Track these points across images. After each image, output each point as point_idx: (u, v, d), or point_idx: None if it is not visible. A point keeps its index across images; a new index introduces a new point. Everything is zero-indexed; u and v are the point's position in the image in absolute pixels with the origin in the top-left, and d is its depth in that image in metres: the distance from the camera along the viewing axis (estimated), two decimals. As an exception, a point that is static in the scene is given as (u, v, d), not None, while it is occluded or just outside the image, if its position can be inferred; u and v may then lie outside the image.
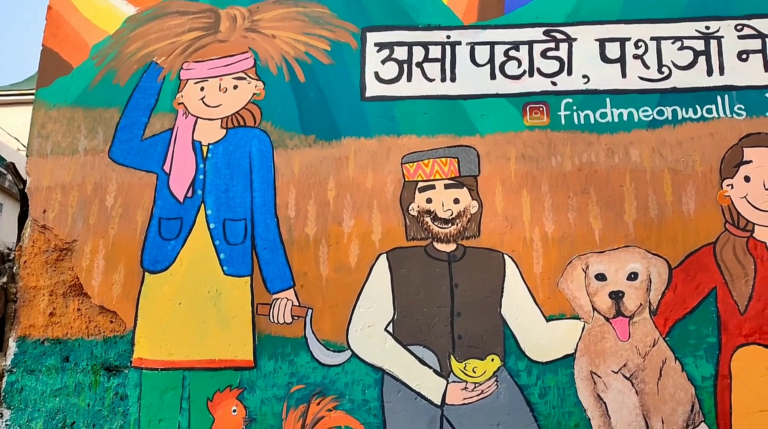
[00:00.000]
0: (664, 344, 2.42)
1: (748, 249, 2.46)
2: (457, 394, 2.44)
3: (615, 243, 2.52)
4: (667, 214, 2.52)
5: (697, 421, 2.36)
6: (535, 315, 2.49)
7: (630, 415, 2.37)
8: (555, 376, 2.42)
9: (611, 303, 2.46)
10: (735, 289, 2.43)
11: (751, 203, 2.49)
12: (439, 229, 2.59)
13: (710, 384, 2.37)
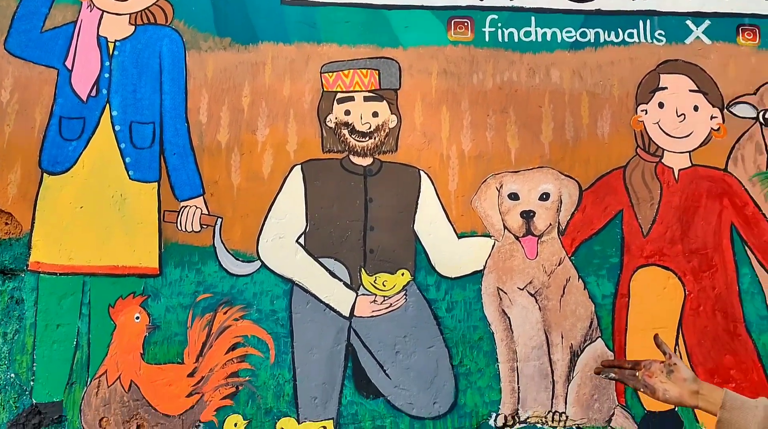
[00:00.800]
0: (570, 263, 2.55)
1: (656, 174, 2.60)
2: (366, 307, 2.52)
3: (530, 163, 2.61)
4: (582, 136, 2.62)
5: (594, 336, 2.52)
6: (447, 232, 2.57)
7: (532, 330, 2.51)
8: (463, 292, 2.53)
9: (522, 222, 2.56)
10: (640, 212, 2.58)
11: (663, 129, 2.61)
12: (357, 142, 2.61)
13: (609, 302, 2.53)
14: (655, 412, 2.44)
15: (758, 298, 2.50)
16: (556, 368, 2.49)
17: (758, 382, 2.44)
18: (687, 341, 2.48)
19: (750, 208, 2.56)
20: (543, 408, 2.45)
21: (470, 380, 2.47)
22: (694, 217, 2.55)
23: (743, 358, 2.47)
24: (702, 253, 2.53)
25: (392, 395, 2.47)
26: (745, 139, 2.60)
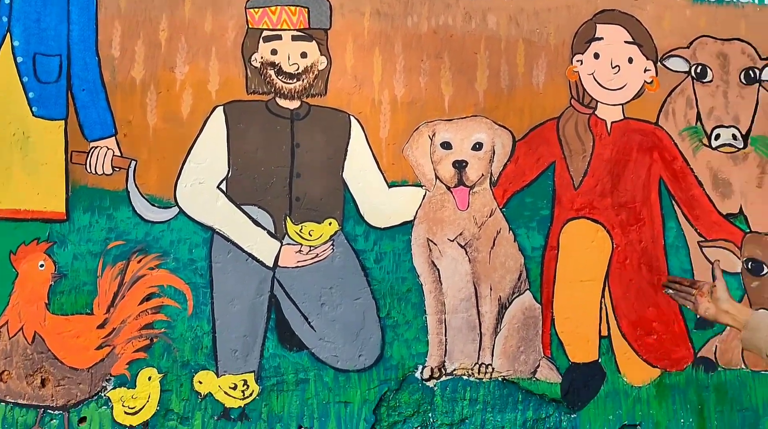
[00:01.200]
0: (501, 215, 2.54)
1: (589, 126, 2.60)
2: (291, 257, 2.46)
3: (464, 111, 2.56)
4: (517, 85, 2.59)
5: (523, 289, 2.54)
6: (377, 180, 2.52)
7: (461, 282, 2.50)
8: (392, 242, 2.49)
9: (454, 172, 2.53)
10: (572, 164, 2.58)
11: (597, 80, 2.61)
12: (283, 84, 2.51)
13: (539, 254, 2.54)
14: (579, 363, 2.48)
15: (682, 252, 2.56)
16: (483, 320, 2.49)
17: (678, 334, 2.52)
18: (613, 294, 2.52)
19: (678, 163, 2.60)
20: (470, 360, 2.46)
21: (397, 332, 2.45)
22: (625, 170, 2.58)
23: (665, 311, 2.53)
24: (630, 207, 2.56)
25: (317, 348, 2.42)
26: (677, 93, 2.62)
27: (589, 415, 2.45)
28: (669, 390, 2.48)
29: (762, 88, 2.65)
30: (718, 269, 1.90)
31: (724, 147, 2.61)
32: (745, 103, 2.64)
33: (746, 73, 2.65)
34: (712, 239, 2.56)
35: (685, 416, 2.47)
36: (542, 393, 2.45)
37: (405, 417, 2.41)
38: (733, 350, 2.52)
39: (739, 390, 2.50)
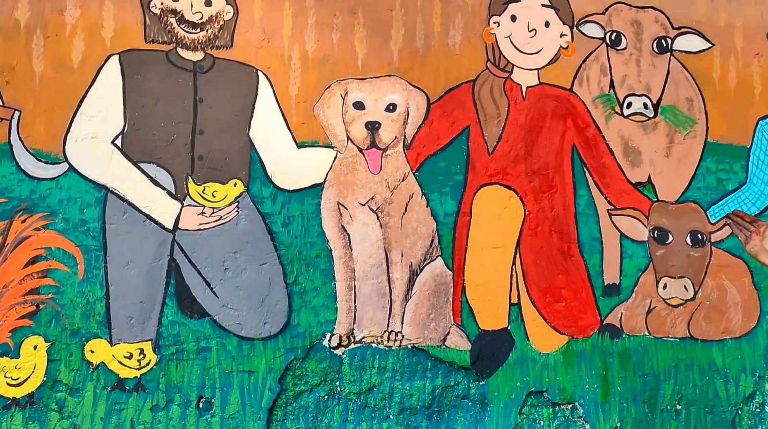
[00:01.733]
0: (414, 179, 2.52)
1: (505, 90, 2.60)
2: (193, 219, 2.36)
3: (378, 71, 2.51)
4: (432, 45, 2.56)
5: (434, 255, 2.53)
6: (286, 140, 2.44)
7: (372, 247, 2.47)
8: (301, 206, 2.42)
9: (367, 133, 2.48)
10: (487, 129, 2.58)
11: (514, 44, 2.61)
12: (186, 34, 2.38)
13: (451, 220, 2.54)
14: (489, 330, 2.50)
15: (592, 220, 2.61)
16: (394, 287, 2.48)
17: (586, 301, 2.58)
18: (524, 260, 2.55)
19: (591, 130, 2.64)
20: (379, 327, 2.44)
21: (305, 299, 2.40)
22: (539, 136, 2.60)
23: (574, 278, 2.58)
24: (543, 174, 2.59)
25: (219, 315, 2.34)
26: (592, 59, 2.66)
27: (498, 382, 2.48)
28: (575, 356, 2.54)
29: (673, 57, 2.71)
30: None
31: (636, 116, 2.66)
32: (656, 72, 2.69)
33: (659, 42, 2.70)
34: (621, 207, 2.63)
35: (590, 382, 2.54)
36: (451, 360, 2.47)
37: (312, 386, 2.37)
38: (638, 317, 2.60)
39: (641, 356, 2.59)
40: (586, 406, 2.52)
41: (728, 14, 2.77)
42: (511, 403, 2.47)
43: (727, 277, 2.68)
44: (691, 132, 2.70)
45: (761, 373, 2.66)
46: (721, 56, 2.76)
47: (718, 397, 2.62)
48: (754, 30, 2.79)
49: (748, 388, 2.65)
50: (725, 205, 2.69)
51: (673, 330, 2.63)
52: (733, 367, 2.65)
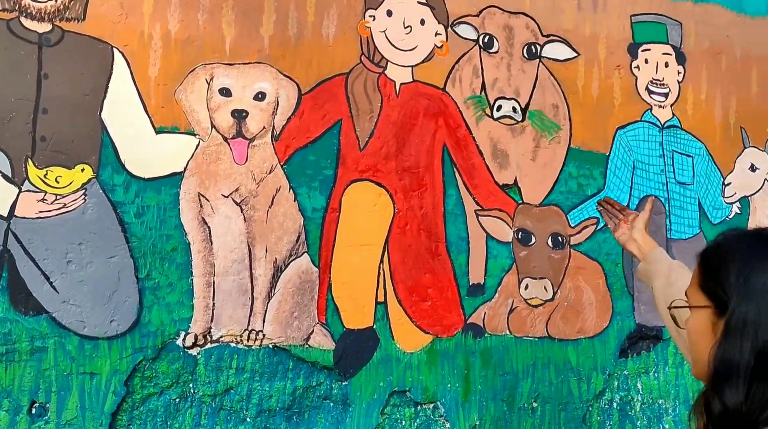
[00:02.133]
0: (281, 172, 2.44)
1: (378, 86, 2.58)
2: (32, 206, 2.15)
3: (247, 57, 2.41)
4: (306, 35, 2.49)
5: (300, 251, 2.46)
6: (143, 124, 2.28)
7: (234, 242, 2.37)
8: (157, 195, 2.28)
9: (233, 122, 2.38)
10: (359, 124, 2.55)
11: (389, 39, 2.60)
12: (31, 2, 2.16)
13: (320, 216, 2.48)
14: (354, 329, 2.48)
15: (460, 220, 2.65)
16: (256, 284, 2.39)
17: (451, 300, 2.61)
18: (392, 259, 2.54)
19: (462, 131, 2.68)
20: (239, 326, 2.35)
21: (158, 295, 2.26)
22: (410, 134, 2.60)
23: (441, 277, 2.60)
24: (414, 172, 2.59)
25: (59, 312, 2.15)
26: (465, 60, 2.69)
27: (361, 382, 2.46)
28: (439, 355, 2.57)
29: (542, 64, 2.80)
30: (650, 204, 2.00)
31: (505, 119, 2.73)
32: (525, 77, 2.77)
33: (528, 48, 2.78)
34: (488, 208, 2.68)
35: (452, 381, 2.57)
36: (314, 360, 2.41)
37: (162, 388, 2.24)
38: (500, 316, 2.67)
39: (502, 355, 2.66)
40: (447, 405, 2.56)
41: (593, 25, 2.90)
42: (373, 403, 2.46)
43: (584, 279, 2.80)
44: (555, 137, 2.81)
45: (611, 371, 2.81)
46: (585, 66, 2.88)
47: (571, 394, 2.74)
48: (617, 43, 2.94)
49: (599, 385, 2.79)
50: (584, 210, 2.81)
51: (533, 329, 2.71)
52: (586, 365, 2.77)
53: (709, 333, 1.16)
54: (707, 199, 3.06)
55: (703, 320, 1.17)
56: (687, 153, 3.03)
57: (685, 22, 3.07)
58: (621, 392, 2.83)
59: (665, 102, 3.00)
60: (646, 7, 3.00)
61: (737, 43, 3.17)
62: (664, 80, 3.00)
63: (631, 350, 2.87)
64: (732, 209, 3.11)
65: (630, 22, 2.97)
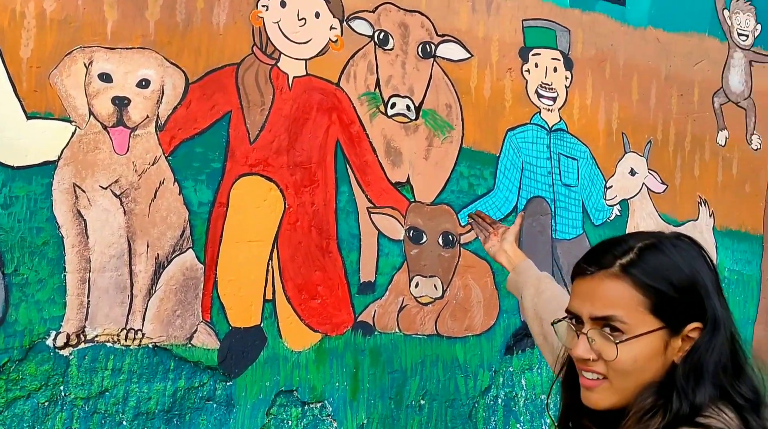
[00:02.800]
0: (165, 164, 2.37)
1: (271, 78, 2.55)
2: None
3: (130, 41, 2.32)
4: (195, 21, 2.42)
5: (185, 247, 2.40)
6: (12, 109, 2.14)
7: (112, 236, 2.28)
8: (27, 185, 2.15)
9: (113, 109, 2.29)
10: (250, 116, 2.51)
11: (283, 31, 2.58)
12: None
13: (206, 210, 2.43)
14: (240, 328, 2.45)
15: (352, 217, 2.67)
16: (136, 280, 2.31)
17: (342, 298, 2.62)
18: (281, 255, 2.53)
19: (356, 127, 2.70)
20: (116, 325, 2.26)
21: (26, 292, 2.14)
22: (303, 129, 2.59)
23: (331, 275, 2.62)
24: (306, 167, 2.59)
25: None
26: (360, 56, 2.71)
27: (246, 382, 2.43)
28: (327, 354, 2.58)
29: (436, 63, 2.87)
30: (520, 218, 2.11)
31: (399, 116, 2.77)
32: (420, 76, 2.83)
33: (423, 46, 2.84)
34: (380, 206, 2.72)
35: (340, 380, 2.59)
36: (197, 360, 2.36)
37: (29, 391, 2.13)
38: (390, 314, 2.71)
39: (391, 353, 2.70)
40: (335, 404, 2.57)
41: (487, 28, 2.99)
42: (259, 403, 2.44)
43: (472, 277, 2.89)
44: (448, 137, 2.88)
45: (497, 368, 2.92)
46: (478, 67, 2.97)
47: (458, 391, 2.83)
48: (509, 46, 3.05)
49: (485, 382, 2.89)
50: (475, 209, 2.90)
51: (422, 327, 2.78)
52: (473, 362, 2.87)
53: (660, 355, 1.18)
54: (590, 201, 3.23)
55: (655, 343, 1.18)
56: (573, 156, 3.19)
57: (574, 29, 3.22)
58: (506, 388, 2.95)
59: (553, 106, 3.14)
60: (537, 13, 3.13)
61: (620, 52, 3.36)
62: (552, 85, 3.14)
63: (516, 347, 2.99)
64: (613, 211, 3.30)
65: (522, 27, 3.09)
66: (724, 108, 3.73)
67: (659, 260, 1.20)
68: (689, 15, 3.64)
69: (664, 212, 3.47)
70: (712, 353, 1.16)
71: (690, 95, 3.62)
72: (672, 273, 1.18)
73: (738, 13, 3.82)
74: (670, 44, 3.55)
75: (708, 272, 1.22)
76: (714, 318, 1.18)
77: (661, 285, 1.18)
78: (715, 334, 1.17)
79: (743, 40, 3.84)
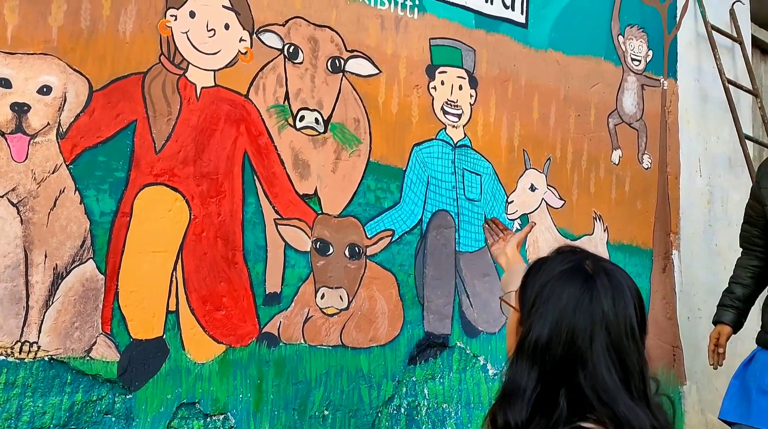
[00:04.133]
0: (66, 172, 2.38)
1: (178, 88, 2.61)
2: None
3: (32, 47, 2.33)
4: (100, 28, 2.46)
5: (85, 257, 2.42)
6: None
7: (8, 246, 2.27)
8: None
9: (12, 116, 2.28)
10: (155, 126, 2.56)
11: (191, 41, 2.64)
12: None
13: (108, 220, 2.46)
14: (141, 340, 2.48)
15: (259, 228, 2.75)
16: (33, 292, 2.32)
17: (247, 310, 2.70)
18: (186, 267, 2.58)
19: (264, 139, 2.79)
20: (10, 337, 2.26)
21: None
22: (210, 139, 2.66)
23: (236, 286, 2.69)
24: (213, 178, 2.66)
25: None
26: (269, 68, 2.81)
27: (147, 395, 2.47)
28: (231, 366, 2.65)
29: (345, 78, 3.00)
30: (529, 226, 2.37)
31: (307, 129, 2.89)
32: (329, 90, 2.95)
33: (332, 61, 2.97)
34: (288, 218, 2.82)
35: (244, 391, 2.67)
36: (96, 373, 2.39)
37: None
38: (296, 326, 2.81)
39: (296, 364, 2.80)
40: (238, 416, 2.65)
41: (395, 45, 3.16)
42: (159, 416, 2.48)
43: (378, 289, 3.04)
44: (356, 151, 3.02)
45: (400, 378, 3.07)
46: (386, 83, 3.13)
47: (362, 401, 2.96)
48: (416, 63, 3.23)
49: (388, 392, 3.03)
50: (380, 222, 3.05)
51: (327, 338, 2.89)
52: (377, 372, 3.01)
53: (513, 333, 1.38)
54: (492, 215, 3.44)
55: (514, 321, 1.39)
56: (476, 171, 3.40)
57: (479, 49, 3.43)
58: (409, 398, 3.10)
59: (458, 122, 3.34)
60: (444, 32, 3.32)
61: (522, 73, 3.61)
62: (458, 102, 3.34)
63: (420, 357, 3.15)
64: (514, 225, 3.52)
65: (429, 45, 3.27)
66: (618, 128, 4.04)
67: (539, 263, 1.42)
68: (587, 39, 3.94)
69: (561, 227, 3.73)
70: (520, 372, 1.33)
71: (587, 115, 3.91)
72: (534, 276, 1.39)
73: (632, 39, 4.16)
74: (568, 66, 3.83)
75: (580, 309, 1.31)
76: (533, 341, 1.29)
77: (527, 278, 1.42)
78: (525, 355, 1.30)
79: (636, 64, 4.18)
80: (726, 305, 3.26)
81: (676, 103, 4.42)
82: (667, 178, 4.32)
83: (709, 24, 4.61)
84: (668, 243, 4.27)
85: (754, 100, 5.02)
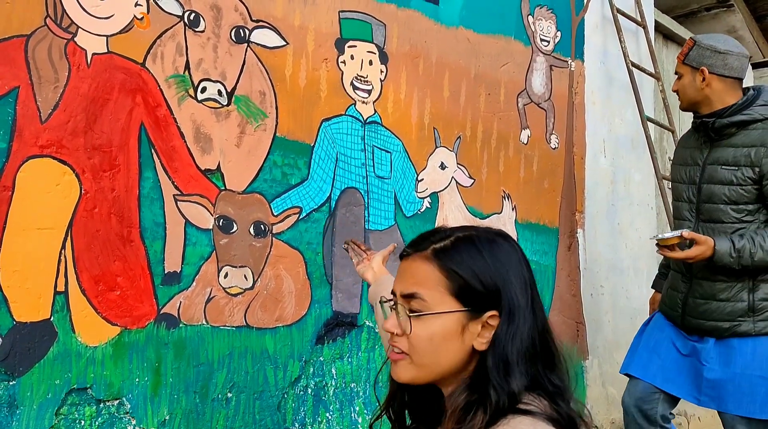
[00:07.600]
0: (-62, 142, 2.19)
1: (66, 53, 2.43)
2: None
3: None
4: (-24, -15, 2.25)
5: (-39, 234, 2.23)
6: None
7: None
8: None
9: None
10: (41, 94, 2.37)
11: (80, 3, 2.46)
12: None
13: (-13, 195, 2.27)
14: (26, 322, 2.31)
15: (157, 204, 2.61)
16: None
17: (143, 290, 2.57)
18: (75, 244, 2.42)
19: (162, 110, 2.64)
20: None
21: None
22: (103, 110, 2.49)
23: (132, 265, 2.55)
24: (106, 151, 2.49)
25: None
26: (168, 36, 2.65)
27: (32, 381, 2.30)
28: (127, 348, 2.51)
29: (250, 49, 2.88)
30: (391, 247, 2.28)
31: (209, 101, 2.75)
32: (233, 61, 2.82)
33: (237, 31, 2.83)
34: (188, 194, 2.68)
35: (141, 375, 2.54)
36: (-26, 359, 2.21)
37: None
38: (197, 306, 2.69)
39: (197, 345, 2.69)
40: (134, 401, 2.52)
41: (303, 16, 3.05)
42: (46, 403, 2.32)
43: (284, 268, 2.95)
44: (261, 125, 2.90)
45: (307, 358, 3.00)
46: (293, 55, 3.02)
47: (267, 382, 2.87)
48: (325, 36, 3.13)
49: (295, 372, 2.96)
50: (287, 199, 2.96)
51: (231, 319, 2.79)
52: (283, 353, 2.93)
53: (457, 336, 1.28)
54: (402, 193, 3.41)
55: (451, 323, 1.28)
56: (386, 149, 3.34)
57: (389, 24, 3.37)
58: (316, 378, 3.04)
59: (368, 98, 3.27)
60: (354, 5, 3.23)
61: (433, 50, 3.57)
62: (368, 77, 3.27)
63: (327, 337, 3.09)
64: (423, 203, 3.50)
65: (338, 18, 3.18)
66: (527, 108, 4.08)
67: (469, 251, 1.33)
68: (497, 18, 3.94)
69: (471, 205, 3.74)
70: (513, 341, 1.27)
71: (497, 95, 3.92)
72: (477, 264, 1.31)
73: (541, 20, 4.20)
74: (479, 45, 3.82)
75: (520, 269, 1.34)
76: (509, 307, 1.29)
77: (465, 272, 1.30)
78: (512, 323, 1.28)
79: (545, 45, 4.22)
80: (660, 273, 3.40)
81: (583, 85, 4.50)
82: (573, 159, 4.40)
83: (614, 7, 4.70)
84: (573, 222, 4.36)
85: (656, 84, 5.17)
